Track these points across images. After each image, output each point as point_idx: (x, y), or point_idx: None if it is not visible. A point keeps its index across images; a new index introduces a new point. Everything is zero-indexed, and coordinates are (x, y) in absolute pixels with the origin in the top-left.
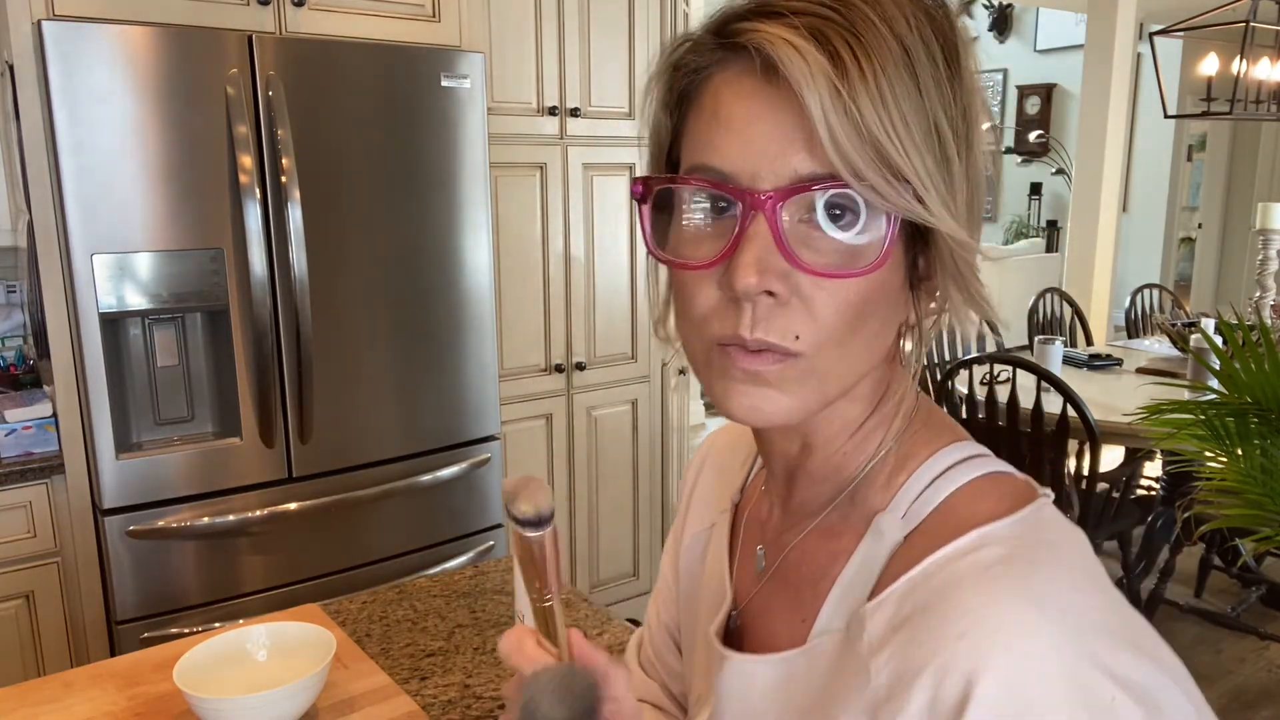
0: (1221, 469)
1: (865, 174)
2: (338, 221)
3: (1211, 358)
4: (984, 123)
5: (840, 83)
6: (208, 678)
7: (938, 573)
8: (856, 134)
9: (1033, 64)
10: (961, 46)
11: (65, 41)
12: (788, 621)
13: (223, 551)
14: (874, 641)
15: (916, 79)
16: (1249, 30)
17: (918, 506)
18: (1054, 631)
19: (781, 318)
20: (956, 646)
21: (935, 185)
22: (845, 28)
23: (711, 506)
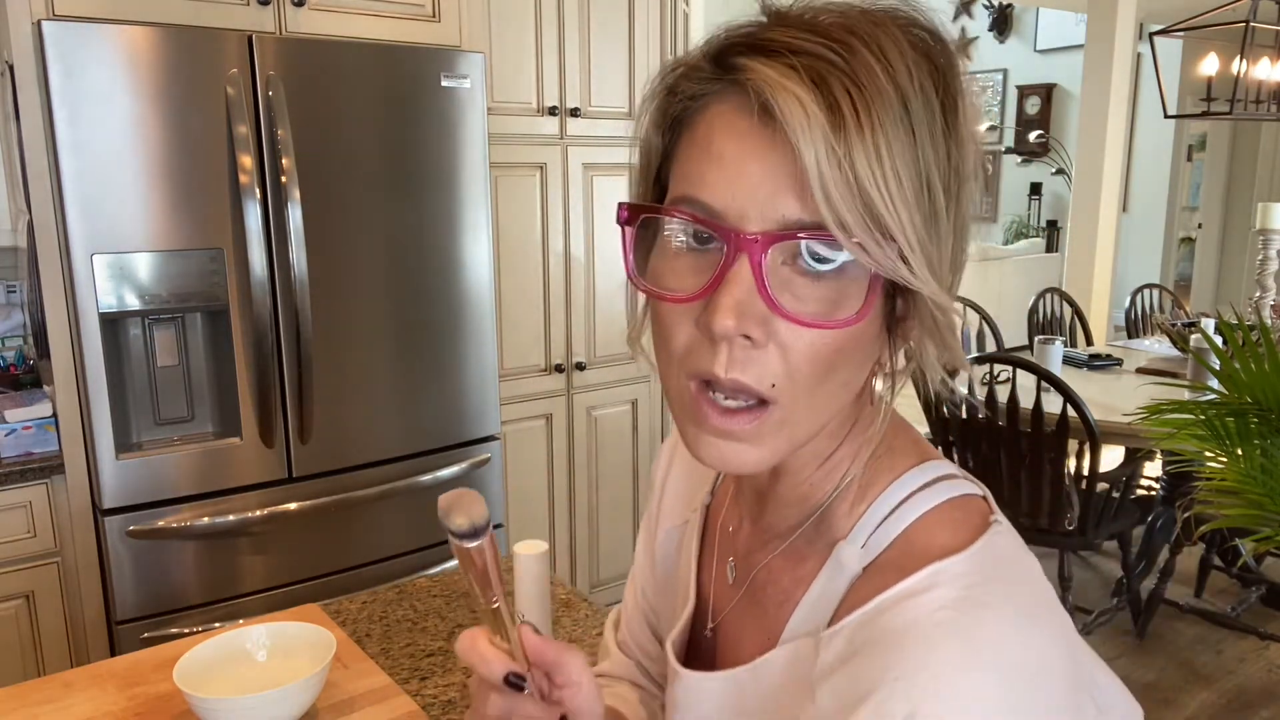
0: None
1: (854, 230)
2: (338, 221)
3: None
4: (974, 170)
5: (837, 135)
6: (208, 678)
7: (889, 609)
8: (848, 189)
9: (1033, 64)
10: (961, 98)
11: (65, 41)
12: (755, 640)
13: (223, 551)
14: (824, 669)
15: (913, 133)
16: (1249, 30)
17: (878, 536)
18: (994, 681)
19: (757, 363)
20: (894, 687)
21: (921, 244)
22: (846, 74)
23: (684, 502)
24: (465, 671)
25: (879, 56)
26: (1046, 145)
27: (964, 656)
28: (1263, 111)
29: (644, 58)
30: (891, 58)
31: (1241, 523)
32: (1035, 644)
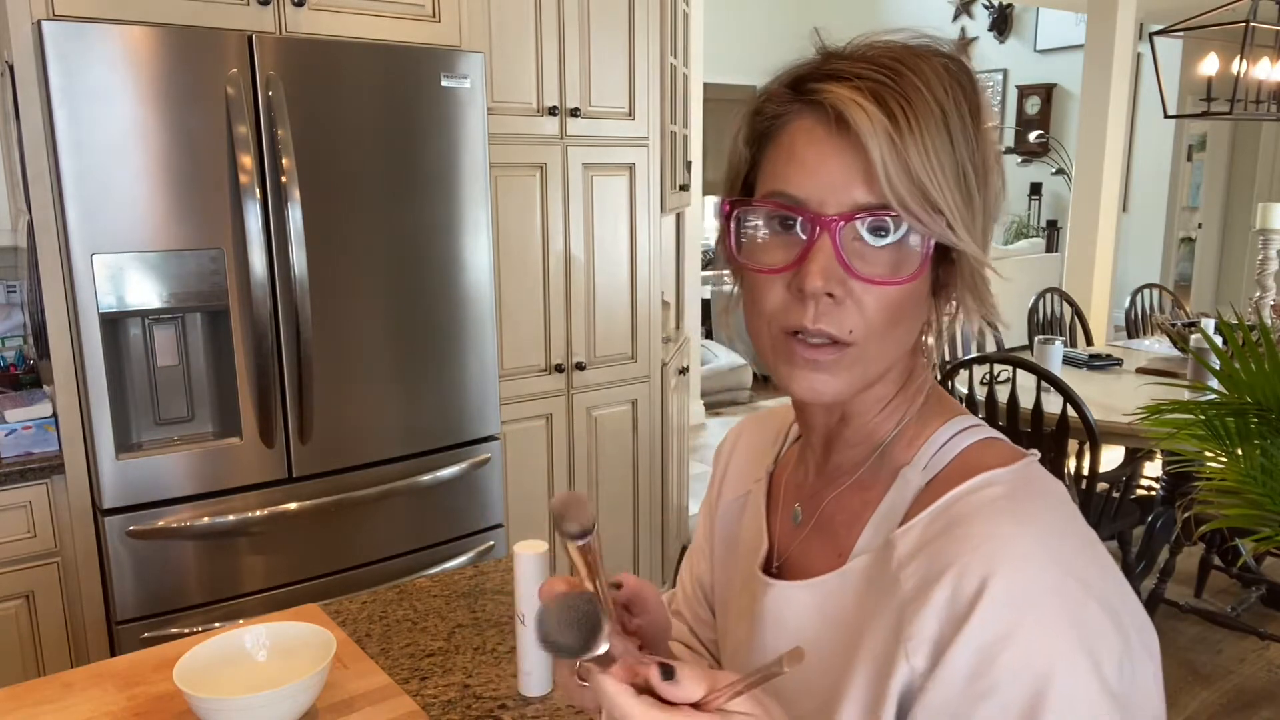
0: (1221, 469)
1: (911, 206)
2: (338, 221)
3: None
4: (998, 169)
5: (895, 135)
6: (208, 678)
7: (955, 504)
8: (906, 175)
9: (1033, 64)
10: (982, 108)
11: (65, 41)
12: (824, 559)
13: (223, 551)
14: (903, 558)
15: (949, 134)
16: (1249, 30)
17: (936, 459)
18: (1044, 549)
19: (838, 314)
20: (973, 556)
21: (962, 216)
22: (898, 92)
23: (747, 476)
24: (466, 672)
25: (922, 79)
26: (1046, 145)
27: (1021, 528)
28: (1263, 111)
29: (644, 58)
30: (930, 80)
31: (1241, 523)
32: (1070, 529)
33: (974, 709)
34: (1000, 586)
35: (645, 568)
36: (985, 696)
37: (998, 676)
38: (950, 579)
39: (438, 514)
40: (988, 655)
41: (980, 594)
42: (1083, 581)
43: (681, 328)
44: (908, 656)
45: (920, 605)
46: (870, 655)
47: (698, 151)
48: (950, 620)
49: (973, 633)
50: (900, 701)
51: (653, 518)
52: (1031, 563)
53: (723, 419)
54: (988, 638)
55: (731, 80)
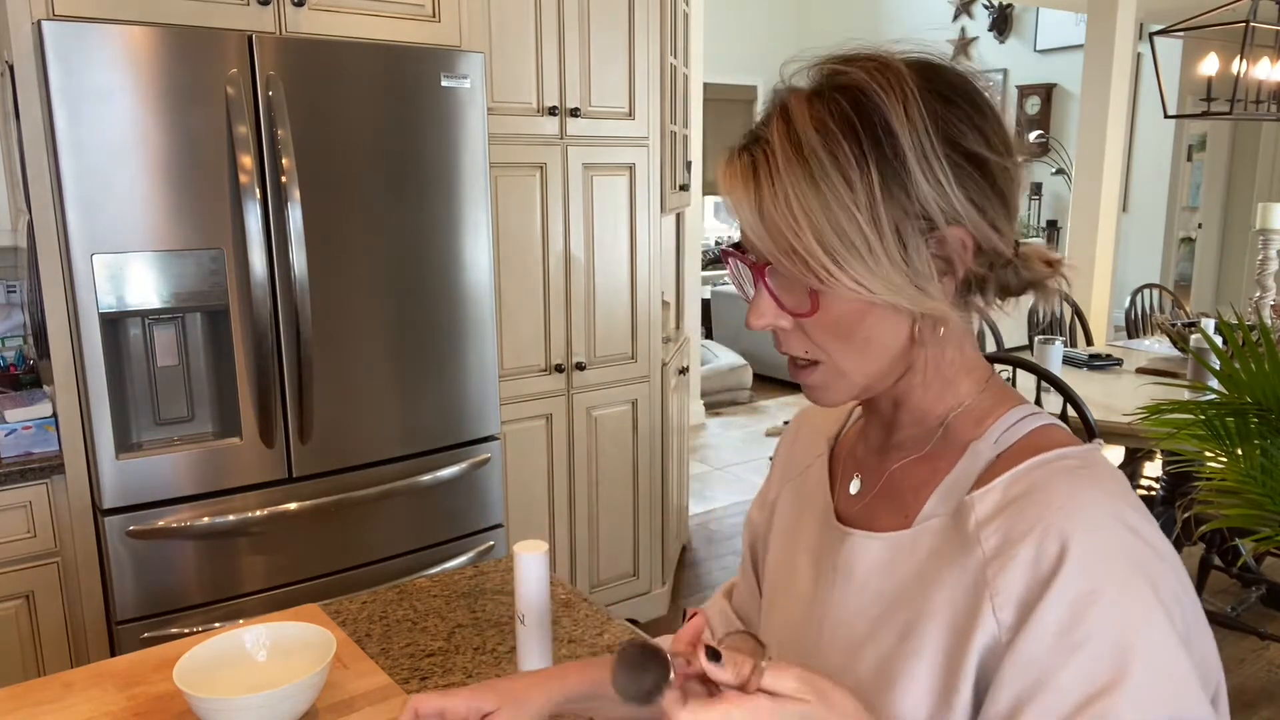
0: (1221, 469)
1: (776, 255)
2: (338, 221)
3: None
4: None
5: (757, 199)
6: (208, 678)
7: (1035, 470)
8: (766, 231)
9: (1033, 64)
10: (897, 140)
11: (65, 41)
12: (890, 521)
13: (223, 551)
14: (982, 518)
15: (821, 183)
16: (1249, 30)
17: (1005, 437)
18: (1118, 514)
19: (792, 340)
20: (1055, 516)
21: (844, 259)
22: (767, 151)
23: (809, 452)
24: (466, 672)
25: (793, 131)
26: (1046, 145)
27: (1098, 494)
28: (1263, 111)
29: (644, 58)
30: (803, 131)
31: (1241, 523)
32: (1137, 503)
33: (1066, 661)
34: (1082, 545)
35: (645, 567)
36: (1076, 649)
37: (1089, 630)
38: (1035, 537)
39: (438, 514)
40: (1076, 610)
41: (1065, 552)
42: (1149, 542)
43: (681, 328)
44: (995, 611)
45: (1005, 562)
46: (947, 610)
47: (698, 151)
48: (1037, 578)
49: (1060, 589)
50: (982, 656)
51: (653, 518)
52: (1108, 524)
53: (723, 419)
54: (1075, 593)
55: (731, 80)
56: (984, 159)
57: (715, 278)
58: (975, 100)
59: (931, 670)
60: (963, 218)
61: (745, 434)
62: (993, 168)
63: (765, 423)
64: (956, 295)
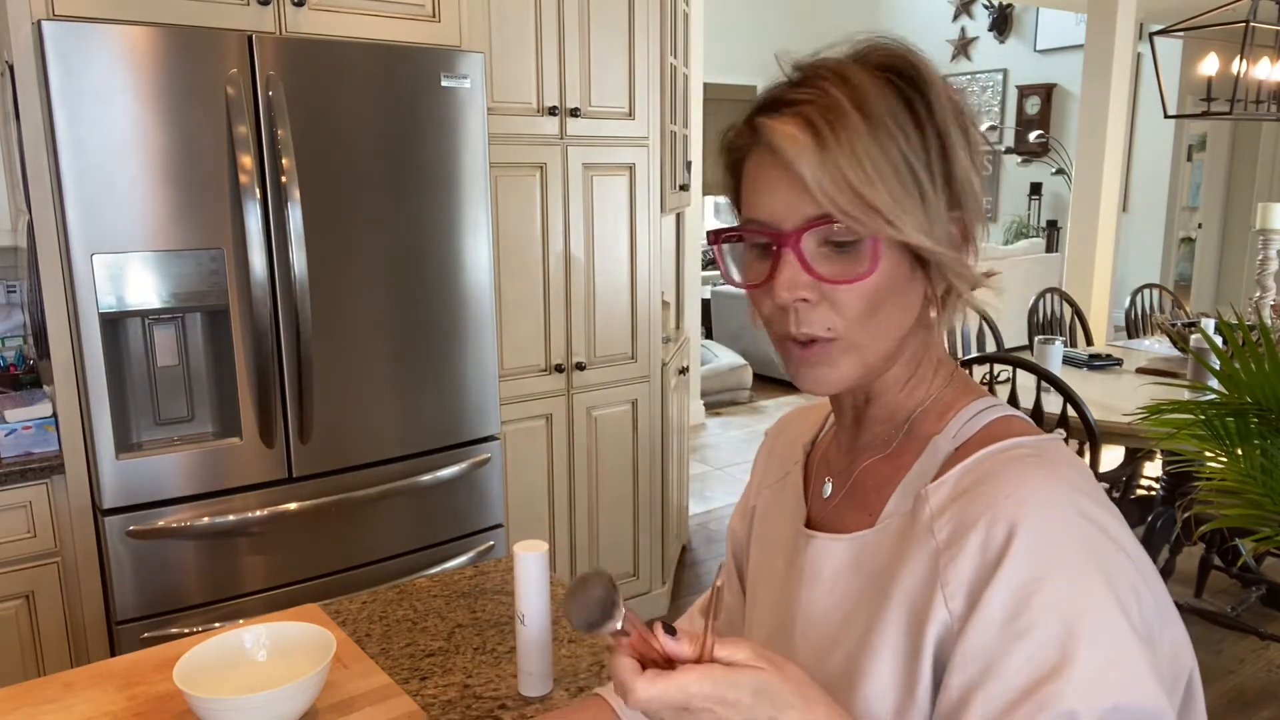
0: (1221, 469)
1: (848, 210)
2: (338, 222)
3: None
4: (962, 156)
5: (821, 152)
6: (208, 678)
7: (986, 459)
8: (835, 184)
9: (1033, 64)
10: (931, 102)
11: (65, 41)
12: (856, 521)
13: (223, 551)
14: (936, 510)
15: (881, 137)
16: (1249, 30)
17: (964, 430)
18: (1070, 500)
19: (815, 315)
20: (1004, 503)
21: (906, 210)
22: (823, 110)
23: (786, 460)
24: (466, 672)
25: (848, 91)
26: (1046, 145)
27: (1048, 480)
28: (1263, 111)
29: (644, 58)
30: (857, 91)
31: (1241, 523)
32: (1091, 489)
33: (1011, 648)
34: (1030, 532)
35: (645, 567)
36: (1021, 636)
37: (1034, 617)
38: (982, 526)
39: (438, 514)
40: (1022, 597)
41: (1011, 539)
42: (1104, 529)
43: (681, 328)
44: (946, 601)
45: (955, 552)
46: (905, 603)
47: (698, 151)
48: (984, 565)
49: (1006, 576)
50: (937, 646)
51: (653, 518)
52: (1058, 510)
53: (723, 419)
54: (1020, 580)
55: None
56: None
57: (715, 278)
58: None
59: (893, 665)
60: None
61: (745, 434)
62: (984, 154)
63: (765, 423)
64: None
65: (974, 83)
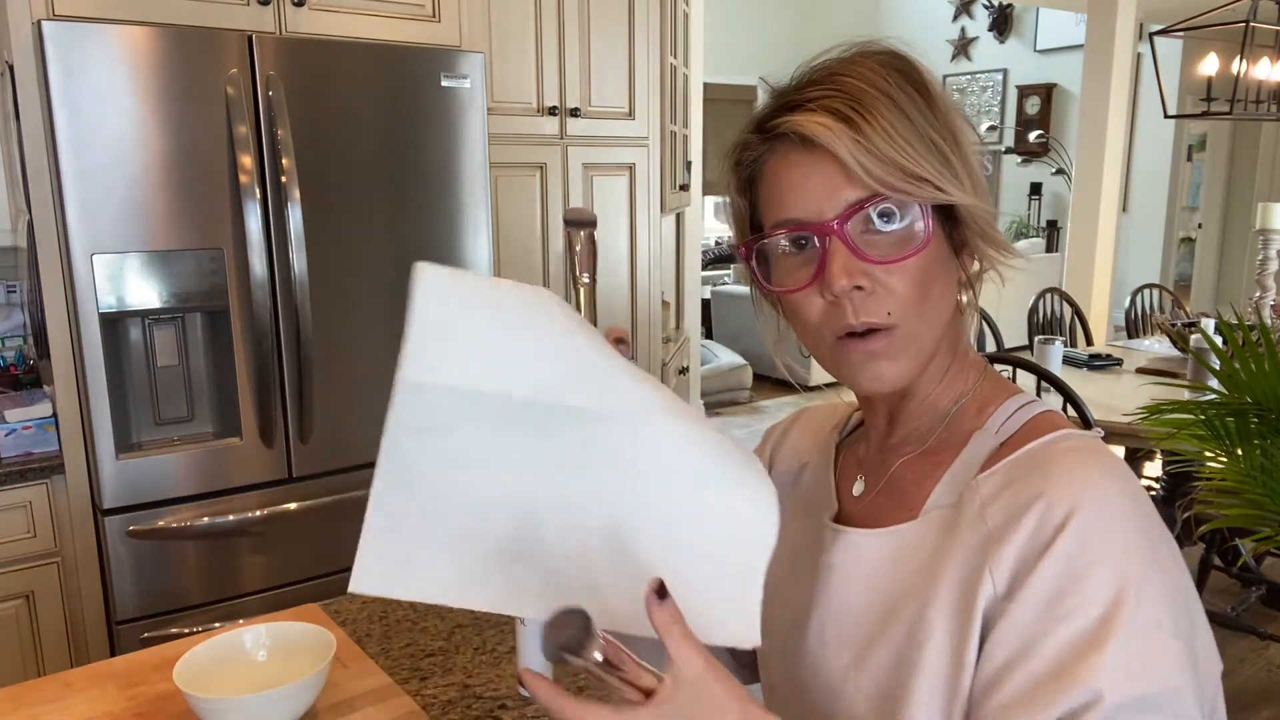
0: (1221, 469)
1: (895, 183)
2: (338, 221)
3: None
4: (965, 128)
5: (855, 132)
6: (208, 678)
7: (1039, 450)
8: (879, 162)
9: (1033, 64)
10: (929, 84)
11: (65, 41)
12: (893, 516)
13: (223, 551)
14: (987, 498)
15: (904, 112)
16: (1249, 30)
17: (1007, 425)
18: (1125, 494)
19: (872, 302)
20: (1061, 489)
21: (945, 176)
22: (845, 97)
23: (803, 450)
24: (466, 672)
25: (861, 78)
26: (1046, 145)
27: (1102, 471)
28: (1263, 111)
29: (644, 58)
30: (868, 76)
31: (1241, 523)
32: (1134, 476)
33: (1052, 628)
34: (1087, 515)
35: None
36: (1064, 618)
37: (1078, 600)
38: (1039, 508)
39: None
40: (1069, 579)
41: (1066, 522)
42: (1156, 523)
43: (681, 328)
44: (993, 577)
45: (1008, 533)
46: (955, 590)
47: (698, 151)
48: (1034, 545)
49: (1056, 556)
50: (984, 621)
51: None
52: (1115, 499)
53: (723, 419)
54: (1070, 563)
55: (731, 80)
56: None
57: (715, 278)
58: None
59: (943, 654)
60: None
61: (745, 434)
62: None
63: (765, 423)
64: None
65: (974, 83)
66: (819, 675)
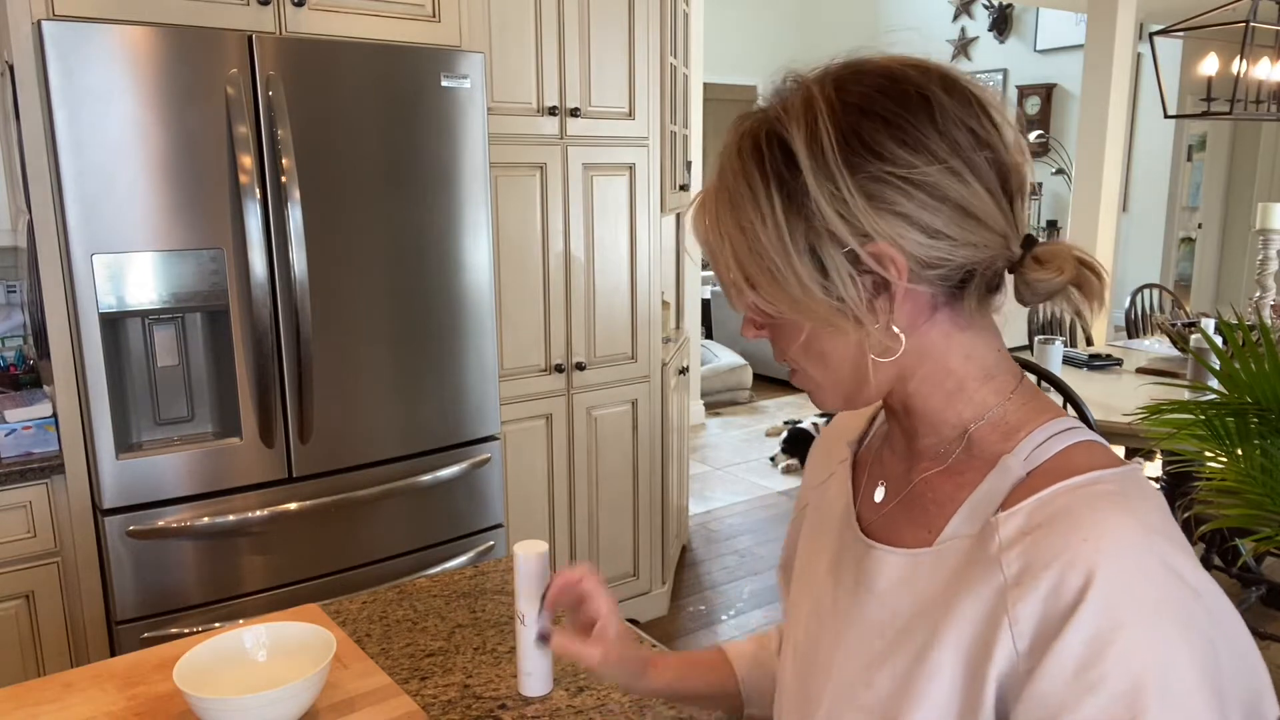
0: (1221, 469)
1: (725, 282)
2: (338, 221)
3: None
4: (840, 192)
5: (699, 223)
6: (208, 678)
7: (1064, 494)
8: (709, 252)
9: (1033, 64)
10: (802, 171)
11: (65, 41)
12: (913, 534)
13: (223, 551)
14: (1005, 542)
15: (737, 219)
16: (1249, 30)
17: (1038, 453)
18: (1151, 547)
19: (777, 349)
20: (1081, 547)
21: (755, 281)
22: (710, 188)
23: (831, 459)
24: (466, 672)
25: (727, 162)
26: (1046, 145)
27: (1130, 524)
28: (1263, 111)
29: (644, 58)
30: (734, 166)
31: (1241, 523)
32: (1174, 532)
33: (1081, 700)
34: (1107, 580)
35: (645, 567)
36: (1092, 689)
37: (1105, 669)
38: (1057, 568)
39: (438, 514)
40: (1095, 648)
41: (1088, 586)
42: (1183, 579)
43: (681, 328)
44: (1014, 640)
45: (1025, 591)
46: (967, 633)
47: (698, 151)
48: (1058, 610)
49: (1080, 625)
50: (1000, 683)
51: (653, 518)
52: (1137, 558)
53: (723, 419)
54: (1094, 630)
55: (731, 80)
56: (908, 168)
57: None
58: (906, 107)
59: (949, 693)
60: (876, 234)
61: (745, 434)
62: (925, 174)
63: (765, 423)
64: (923, 308)
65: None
66: (829, 681)
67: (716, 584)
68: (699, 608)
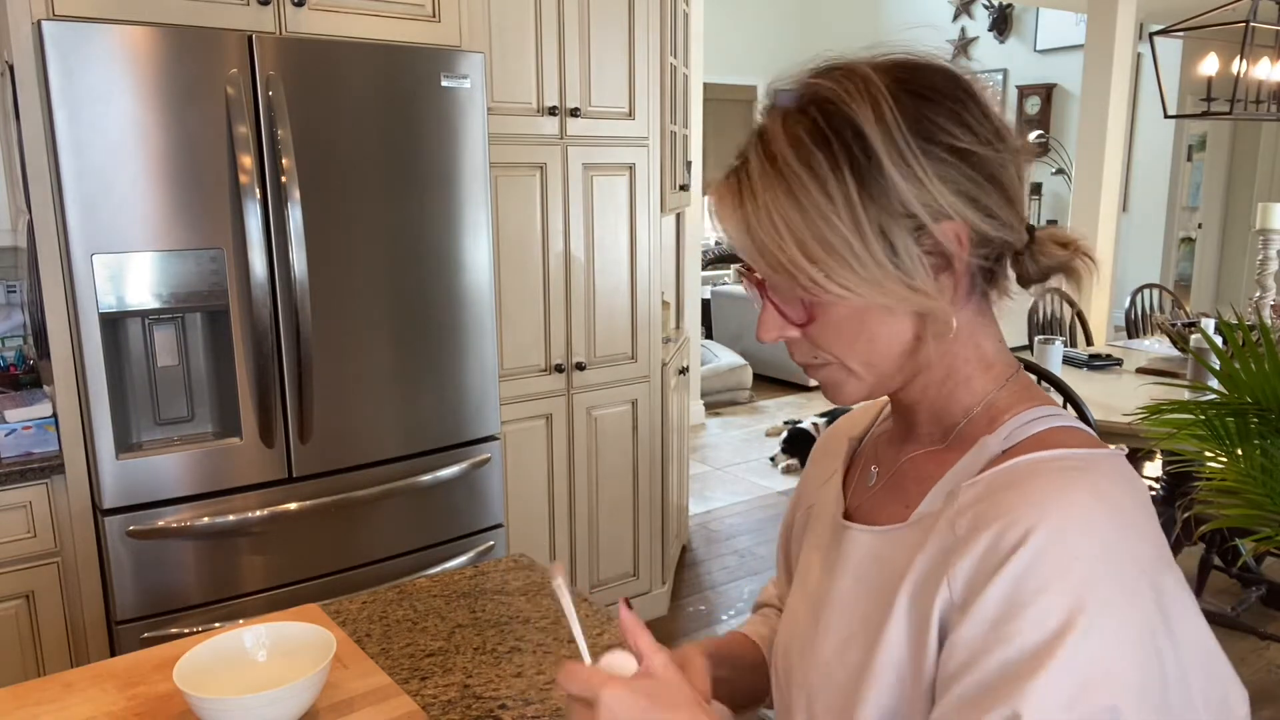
0: (1221, 469)
1: (764, 269)
2: (338, 221)
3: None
4: (914, 170)
5: (740, 215)
6: (208, 678)
7: (1026, 465)
8: (757, 251)
9: (1033, 64)
10: (880, 160)
11: (65, 41)
12: (892, 512)
13: (223, 551)
14: (962, 506)
15: (798, 200)
16: (1249, 30)
17: (1017, 433)
18: (1100, 517)
19: (801, 346)
20: (1025, 510)
21: (826, 266)
22: (746, 174)
23: (834, 458)
24: (466, 672)
25: (771, 151)
26: (1046, 145)
27: (1086, 493)
28: (1263, 111)
29: (644, 58)
30: (783, 149)
31: (1241, 523)
32: (1138, 512)
33: (993, 648)
34: (1043, 543)
35: (645, 567)
36: (1005, 640)
37: (1020, 625)
38: (998, 526)
39: (438, 514)
40: (1015, 603)
41: (1021, 544)
42: (1132, 556)
43: (681, 328)
44: (951, 594)
45: (967, 547)
46: (914, 590)
47: (698, 151)
48: (989, 564)
49: (1005, 578)
50: (941, 627)
51: (653, 518)
52: (1082, 526)
53: (723, 419)
54: (1018, 586)
55: (731, 80)
56: (968, 151)
57: (715, 278)
58: (957, 94)
59: (901, 657)
60: (950, 212)
61: (745, 434)
62: (981, 158)
63: (765, 423)
64: (966, 290)
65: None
66: (813, 668)
67: (716, 584)
68: (699, 608)
